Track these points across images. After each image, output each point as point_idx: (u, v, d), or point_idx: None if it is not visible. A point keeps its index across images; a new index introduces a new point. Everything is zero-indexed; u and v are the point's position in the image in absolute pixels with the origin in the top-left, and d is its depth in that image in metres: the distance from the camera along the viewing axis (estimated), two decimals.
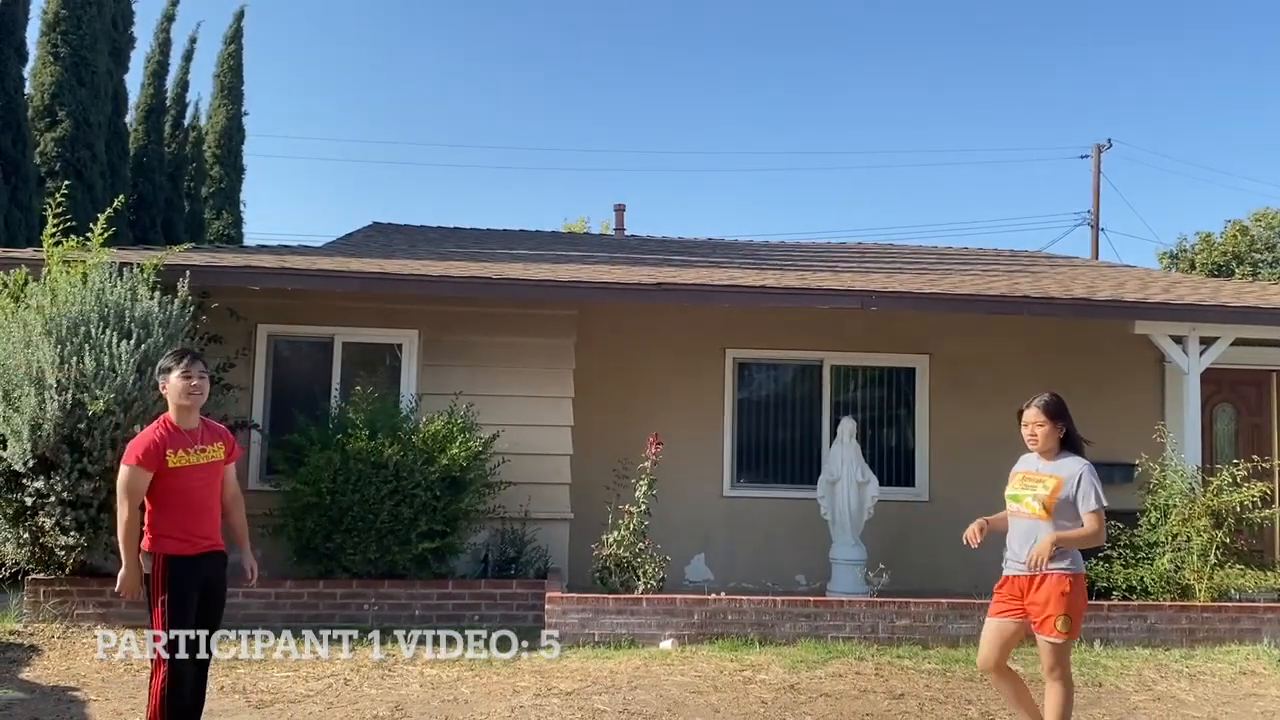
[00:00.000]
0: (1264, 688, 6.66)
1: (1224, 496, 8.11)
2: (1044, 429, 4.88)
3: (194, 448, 4.52)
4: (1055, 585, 4.62)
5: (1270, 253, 27.20)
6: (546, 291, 8.73)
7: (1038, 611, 4.65)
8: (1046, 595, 4.63)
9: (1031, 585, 4.68)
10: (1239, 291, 10.63)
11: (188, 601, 4.43)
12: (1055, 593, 4.62)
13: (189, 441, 4.52)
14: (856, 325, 9.92)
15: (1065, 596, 4.61)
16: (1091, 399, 10.25)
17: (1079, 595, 4.68)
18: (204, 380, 4.62)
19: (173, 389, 4.53)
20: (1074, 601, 4.64)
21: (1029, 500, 4.77)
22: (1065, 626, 4.61)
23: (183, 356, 4.61)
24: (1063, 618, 4.60)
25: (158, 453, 4.41)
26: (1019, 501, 4.82)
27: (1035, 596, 4.65)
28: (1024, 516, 4.78)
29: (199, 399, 4.59)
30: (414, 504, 7.74)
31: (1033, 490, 4.78)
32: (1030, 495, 4.77)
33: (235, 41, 20.74)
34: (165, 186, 17.73)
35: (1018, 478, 4.94)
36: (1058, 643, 4.63)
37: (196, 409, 4.61)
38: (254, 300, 8.61)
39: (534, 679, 6.35)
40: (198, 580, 4.47)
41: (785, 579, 9.65)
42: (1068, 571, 4.65)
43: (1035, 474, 4.86)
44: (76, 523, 7.11)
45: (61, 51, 14.14)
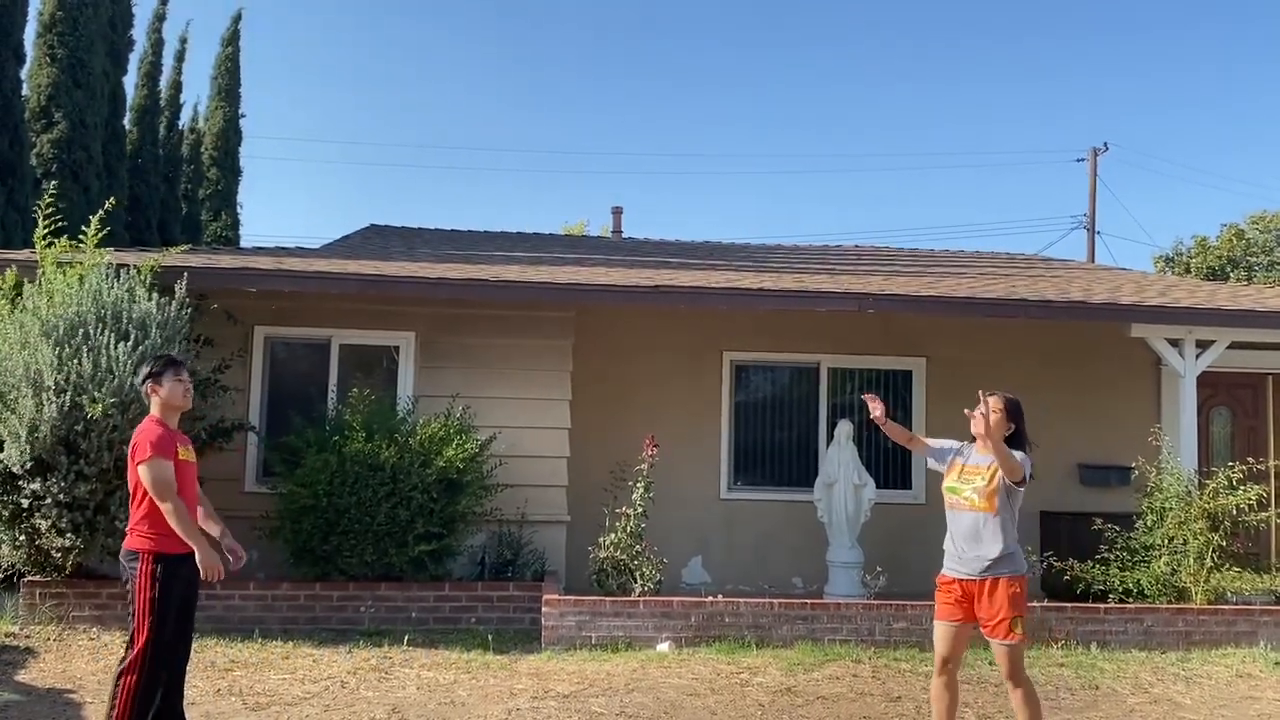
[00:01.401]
0: (1260, 690, 6.67)
1: (1220, 499, 8.12)
2: (996, 417, 4.69)
3: (186, 445, 4.60)
4: (1006, 589, 4.59)
5: (1266, 256, 27.27)
6: (544, 293, 8.73)
7: (991, 617, 4.60)
8: (999, 601, 4.58)
9: (981, 591, 4.63)
10: (1235, 295, 10.65)
11: (173, 604, 4.39)
12: (1006, 597, 4.58)
13: (181, 440, 4.60)
14: (853, 328, 9.92)
15: (1016, 598, 4.59)
16: (1088, 402, 10.30)
17: (1024, 597, 4.68)
18: (190, 384, 4.76)
19: (170, 393, 4.57)
20: (1021, 603, 4.63)
21: (968, 493, 4.70)
22: (1021, 628, 4.59)
23: (174, 362, 4.67)
24: (1017, 620, 4.58)
25: (171, 443, 4.46)
26: (958, 494, 4.75)
27: (988, 605, 4.61)
28: (965, 509, 4.71)
29: (189, 402, 4.70)
30: (411, 506, 7.73)
31: (971, 483, 4.71)
32: (969, 489, 4.71)
33: (232, 43, 20.73)
34: (160, 188, 17.72)
35: (955, 469, 4.84)
36: (1015, 645, 4.59)
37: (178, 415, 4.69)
38: (251, 302, 8.60)
39: (531, 681, 6.35)
40: (182, 582, 4.43)
41: (782, 582, 9.65)
42: (1016, 574, 4.63)
43: (974, 467, 4.77)
44: (73, 524, 7.09)
45: (58, 53, 14.13)
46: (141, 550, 4.39)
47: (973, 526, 4.68)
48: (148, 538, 4.40)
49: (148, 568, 4.35)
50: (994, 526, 4.64)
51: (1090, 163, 27.80)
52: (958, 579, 4.72)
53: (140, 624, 4.33)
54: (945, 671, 4.76)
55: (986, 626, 4.62)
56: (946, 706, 4.76)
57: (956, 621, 4.72)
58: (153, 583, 4.33)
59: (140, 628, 4.33)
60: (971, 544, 4.68)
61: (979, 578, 4.63)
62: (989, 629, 4.61)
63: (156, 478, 4.35)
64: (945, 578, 4.79)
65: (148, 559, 4.36)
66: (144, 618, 4.32)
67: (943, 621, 4.76)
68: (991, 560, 4.62)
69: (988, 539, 4.64)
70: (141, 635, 4.32)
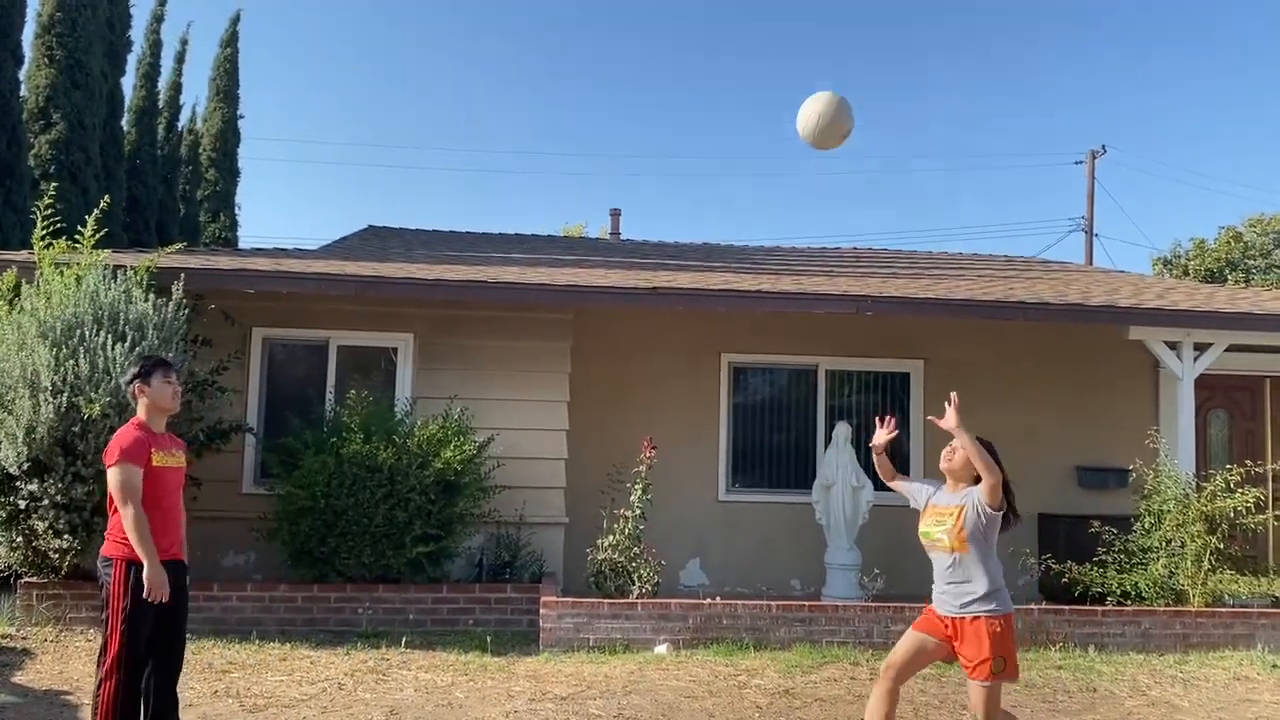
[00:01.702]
0: (1257, 693, 6.67)
1: (1218, 502, 8.12)
2: (960, 454, 4.58)
3: (167, 450, 4.46)
4: (985, 629, 4.42)
5: (1264, 259, 27.30)
6: (542, 295, 8.73)
7: (970, 657, 4.44)
8: (977, 641, 4.43)
9: (962, 632, 4.49)
10: (1233, 297, 10.66)
11: (148, 612, 4.26)
12: (985, 636, 4.42)
13: (164, 444, 4.46)
14: (852, 330, 9.92)
15: (996, 637, 4.41)
16: (1086, 404, 10.30)
17: (1009, 636, 4.47)
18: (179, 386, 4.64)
19: (159, 394, 4.47)
20: (1005, 643, 4.44)
21: (939, 535, 4.58)
22: (999, 668, 4.41)
23: (163, 362, 4.56)
24: (997, 659, 4.40)
25: (144, 449, 4.31)
26: (930, 538, 4.64)
27: (970, 644, 4.45)
28: (941, 551, 4.59)
29: (177, 404, 4.59)
30: (408, 508, 7.72)
31: (942, 524, 4.59)
32: (940, 530, 4.58)
33: (231, 45, 20.72)
34: (159, 189, 17.69)
35: (927, 512, 4.73)
36: (990, 686, 4.43)
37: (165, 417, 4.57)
38: (249, 303, 8.60)
39: (529, 683, 6.34)
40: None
41: (780, 584, 9.65)
42: (996, 614, 4.46)
43: (944, 508, 4.63)
44: (70, 526, 7.09)
45: (57, 54, 14.12)
46: (115, 557, 4.28)
47: (950, 567, 4.57)
48: (121, 543, 4.28)
49: (121, 574, 4.24)
50: (971, 565, 4.51)
51: (1088, 165, 27.82)
52: (941, 616, 4.59)
53: (113, 631, 4.24)
54: (892, 678, 4.56)
55: (967, 666, 4.47)
56: (883, 715, 4.54)
57: (928, 634, 4.58)
58: (125, 590, 4.22)
59: (113, 635, 4.24)
60: (950, 583, 4.56)
61: (958, 615, 4.50)
62: (969, 669, 4.46)
63: (120, 483, 4.24)
64: (930, 611, 4.66)
65: (121, 565, 4.25)
66: (116, 625, 4.23)
67: (914, 630, 4.62)
68: (972, 599, 4.49)
69: (966, 578, 4.52)
70: (114, 643, 4.23)
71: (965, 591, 4.51)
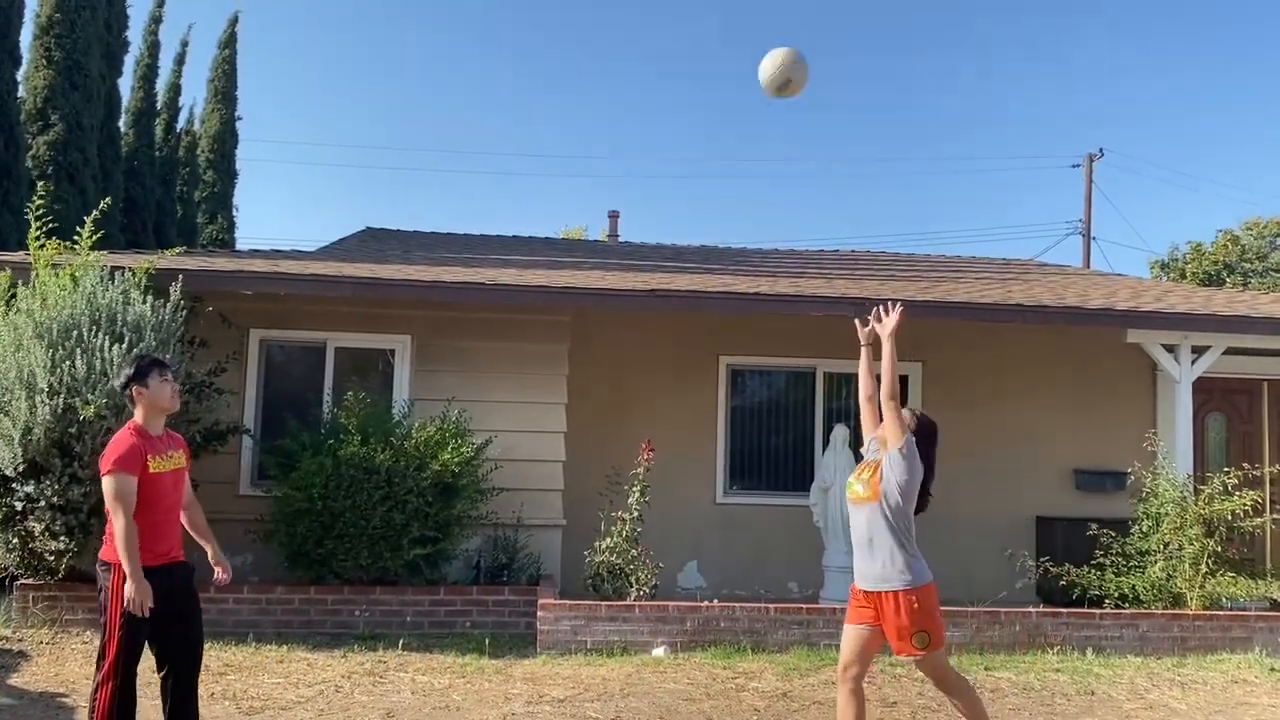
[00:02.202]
0: (1255, 696, 6.67)
1: (1216, 505, 8.12)
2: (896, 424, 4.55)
3: (164, 454, 4.41)
4: (904, 604, 4.38)
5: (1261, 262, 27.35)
6: (540, 297, 8.72)
7: (894, 634, 4.42)
8: (898, 617, 4.39)
9: (883, 606, 4.44)
10: (1230, 301, 10.67)
11: (147, 616, 4.21)
12: (904, 611, 4.37)
13: (160, 447, 4.41)
14: (850, 332, 9.74)
15: (917, 612, 4.38)
16: (1084, 407, 10.30)
17: (930, 606, 4.43)
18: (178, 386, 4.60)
19: (157, 394, 4.41)
20: (927, 614, 4.41)
21: (858, 488, 4.58)
22: (922, 642, 4.39)
23: (158, 362, 4.51)
24: (918, 634, 4.38)
25: (140, 456, 4.27)
26: (851, 490, 4.65)
27: (888, 620, 4.42)
28: (858, 503, 4.59)
29: (175, 404, 4.52)
30: (406, 510, 7.71)
31: (861, 477, 4.61)
32: (859, 483, 4.59)
33: (229, 46, 20.73)
34: (156, 190, 17.68)
35: (855, 471, 4.75)
36: (926, 657, 4.44)
37: (163, 418, 4.51)
38: (246, 305, 8.58)
39: (526, 686, 6.33)
40: (159, 594, 4.22)
41: (778, 586, 9.64)
42: (910, 588, 4.41)
43: (868, 463, 4.66)
44: (66, 527, 7.07)
45: (55, 55, 14.11)
46: (113, 561, 4.24)
47: (864, 528, 4.53)
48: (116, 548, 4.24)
49: (119, 578, 4.20)
50: (883, 529, 4.47)
51: (1086, 169, 27.86)
52: (863, 589, 4.54)
53: (110, 635, 4.22)
54: (851, 678, 4.51)
55: (892, 642, 4.46)
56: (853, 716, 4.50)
57: (859, 623, 4.51)
58: (123, 594, 4.16)
59: (110, 639, 4.22)
60: (865, 552, 4.53)
61: (876, 590, 4.47)
62: (894, 645, 4.45)
63: (115, 491, 4.20)
64: (853, 585, 4.61)
65: (119, 570, 4.20)
66: (114, 629, 4.21)
67: (848, 625, 4.56)
68: (887, 572, 4.45)
69: (879, 546, 4.48)
70: (111, 647, 4.21)
71: (880, 563, 4.47)
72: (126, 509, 4.18)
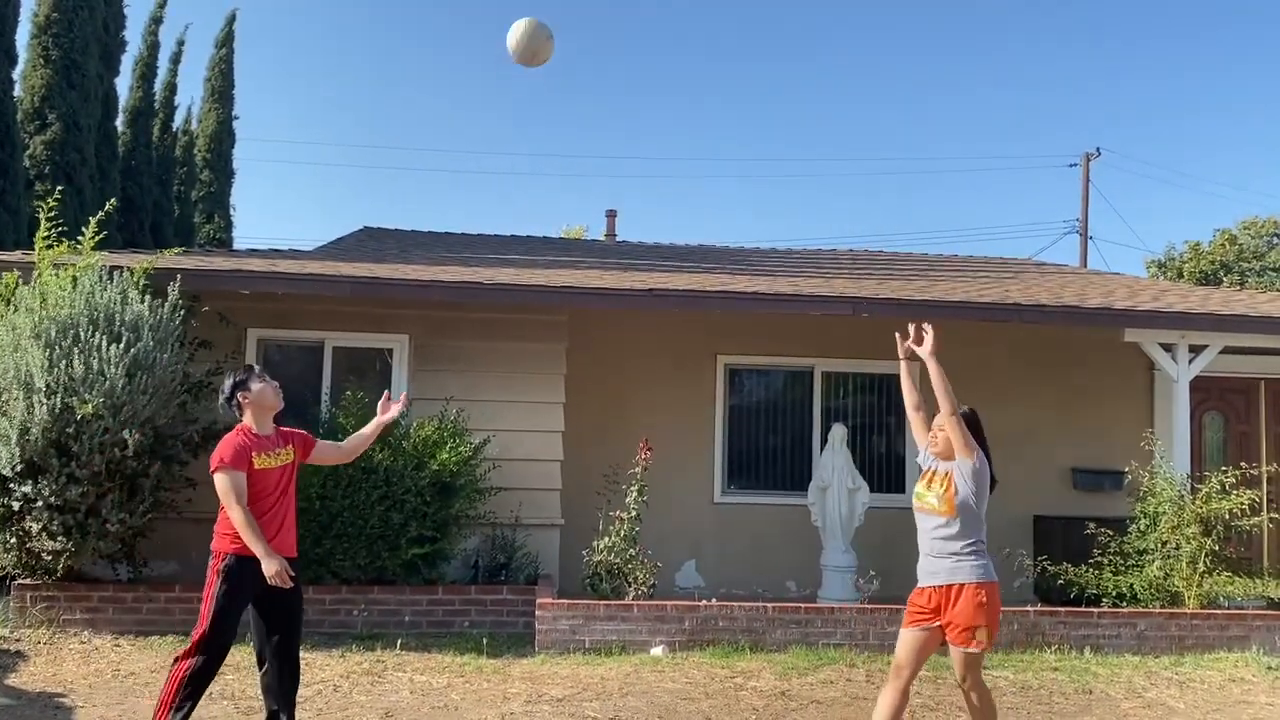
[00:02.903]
0: (1252, 695, 6.68)
1: (1213, 504, 8.13)
2: (944, 434, 4.74)
3: (271, 451, 4.74)
4: (972, 597, 4.52)
5: (1258, 261, 27.38)
6: (538, 297, 8.72)
7: (957, 624, 4.54)
8: (965, 608, 4.52)
9: (948, 599, 4.56)
10: (1228, 300, 10.68)
11: (237, 602, 4.60)
12: (972, 605, 4.51)
13: (268, 445, 4.75)
14: (847, 332, 9.92)
15: (982, 608, 4.52)
16: (1081, 407, 10.31)
17: (994, 605, 4.58)
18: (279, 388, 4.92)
19: (262, 395, 4.79)
20: (991, 612, 4.55)
21: (930, 499, 4.68)
22: (984, 637, 4.53)
23: (251, 368, 4.94)
24: (982, 629, 4.52)
25: (245, 454, 4.62)
26: (921, 499, 4.74)
27: (954, 611, 4.54)
28: (928, 513, 4.69)
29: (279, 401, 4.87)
30: (404, 509, 7.71)
31: (932, 489, 4.70)
32: (931, 495, 4.69)
33: (226, 45, 20.72)
34: (154, 190, 17.67)
35: (922, 476, 4.85)
36: (975, 654, 4.55)
37: (269, 418, 4.83)
38: (244, 304, 8.57)
39: (524, 685, 6.33)
40: (255, 584, 4.59)
41: (776, 585, 9.64)
42: (982, 581, 4.56)
43: (935, 474, 4.76)
44: (64, 527, 7.05)
45: (52, 54, 14.10)
46: (216, 550, 4.64)
47: (936, 532, 4.65)
48: (223, 537, 4.64)
49: (218, 565, 4.60)
50: (957, 532, 4.60)
51: (1083, 168, 27.87)
52: (927, 587, 4.66)
53: (203, 615, 4.58)
54: (904, 678, 4.63)
55: (950, 633, 4.57)
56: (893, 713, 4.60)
57: (918, 626, 4.62)
58: (220, 579, 4.57)
59: (202, 619, 4.58)
60: (935, 553, 4.64)
61: (945, 585, 4.58)
62: (953, 637, 4.56)
63: (226, 488, 4.58)
64: (918, 588, 4.72)
65: (219, 558, 4.61)
66: (206, 611, 4.58)
67: (906, 629, 4.67)
68: (957, 567, 4.57)
69: (952, 545, 4.60)
70: (200, 626, 4.57)
71: (952, 560, 4.58)
72: (239, 499, 4.57)
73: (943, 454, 4.74)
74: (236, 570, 4.58)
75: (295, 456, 4.88)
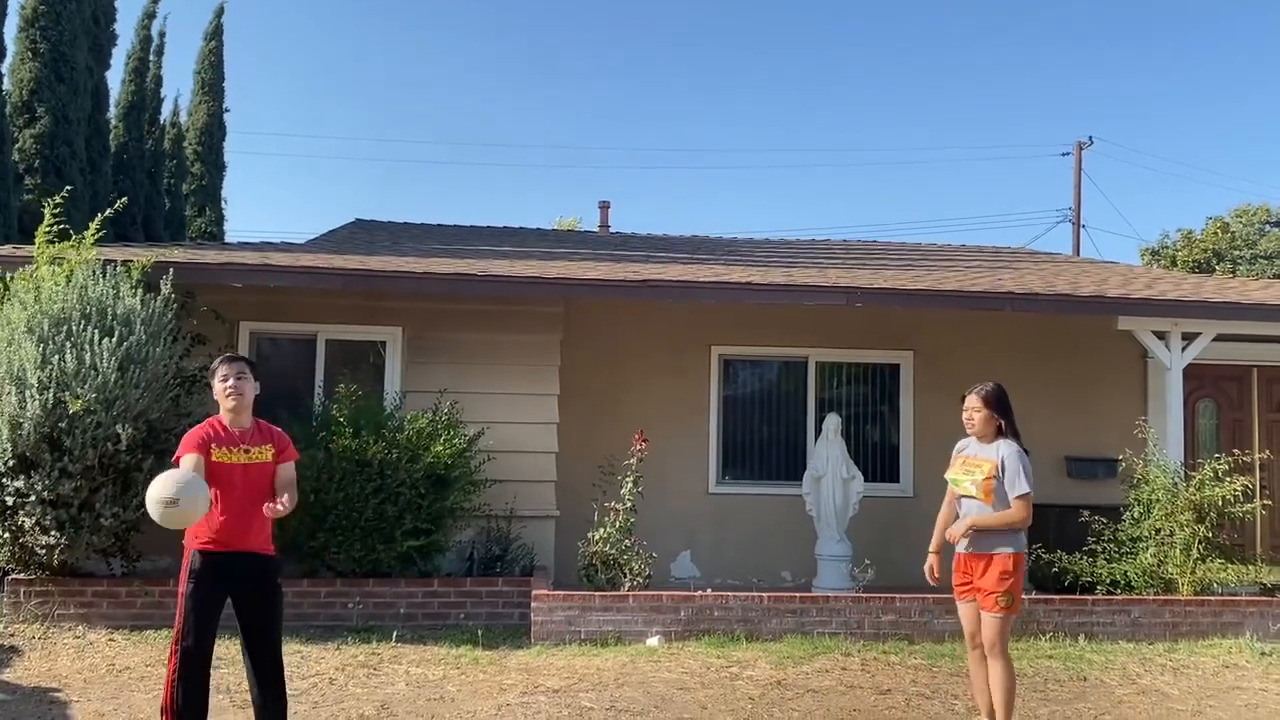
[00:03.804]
0: (1246, 680, 6.71)
1: (1206, 491, 8.14)
2: (980, 414, 5.12)
3: (238, 447, 4.60)
4: (999, 566, 4.98)
5: (1250, 249, 27.42)
6: (531, 288, 8.70)
7: (985, 590, 5.01)
8: (991, 576, 4.98)
9: (979, 566, 5.04)
10: (1220, 287, 10.69)
11: (209, 599, 4.53)
12: (998, 573, 4.97)
13: (234, 440, 4.61)
14: (841, 322, 9.92)
15: (1007, 576, 4.97)
16: (1075, 395, 10.33)
17: (1019, 574, 5.02)
18: (242, 380, 4.70)
19: (215, 391, 4.70)
20: (1015, 581, 4.99)
21: (968, 485, 5.09)
22: (1006, 603, 4.96)
23: (224, 360, 4.79)
24: (1005, 595, 4.95)
25: (204, 443, 4.52)
26: (959, 485, 5.16)
27: (983, 578, 5.02)
28: (966, 496, 5.12)
29: (238, 400, 4.67)
30: (398, 502, 7.70)
31: (971, 475, 5.09)
32: (969, 480, 5.09)
33: (216, 38, 20.59)
34: (145, 184, 17.59)
35: (958, 461, 5.24)
36: (999, 618, 4.97)
37: (244, 410, 4.70)
38: (236, 297, 8.54)
39: (520, 677, 6.33)
40: (226, 580, 4.54)
41: (771, 575, 9.66)
42: (1011, 553, 5.00)
43: (975, 459, 5.15)
44: (57, 522, 7.03)
45: (40, 47, 14.00)
46: (184, 547, 4.59)
47: (971, 509, 5.09)
48: (187, 533, 4.56)
49: (186, 561, 4.56)
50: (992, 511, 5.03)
51: (1075, 157, 27.89)
52: (961, 555, 5.13)
53: (177, 613, 4.54)
54: (976, 646, 5.14)
55: (980, 597, 5.03)
56: (983, 680, 5.12)
57: (966, 598, 5.13)
58: (188, 575, 4.52)
59: (177, 613, 4.54)
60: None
61: (980, 552, 5.03)
62: (980, 600, 5.02)
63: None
64: (957, 556, 5.18)
65: (186, 553, 4.57)
66: (180, 608, 4.52)
67: (959, 601, 5.20)
68: (993, 540, 5.01)
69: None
70: (176, 620, 4.54)
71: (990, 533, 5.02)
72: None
73: (979, 433, 5.13)
74: (200, 567, 4.50)
75: (272, 458, 4.69)
